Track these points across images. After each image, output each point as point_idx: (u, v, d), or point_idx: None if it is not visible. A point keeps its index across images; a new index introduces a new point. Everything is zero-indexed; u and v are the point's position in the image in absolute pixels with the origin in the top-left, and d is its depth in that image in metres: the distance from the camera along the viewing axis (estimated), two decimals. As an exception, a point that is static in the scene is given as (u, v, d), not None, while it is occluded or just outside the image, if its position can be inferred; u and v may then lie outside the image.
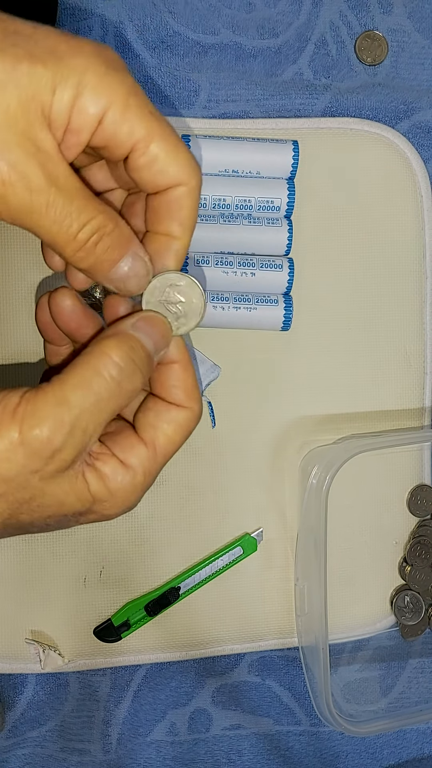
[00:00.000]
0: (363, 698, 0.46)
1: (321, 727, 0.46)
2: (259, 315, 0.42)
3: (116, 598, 0.44)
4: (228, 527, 0.44)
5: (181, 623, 0.44)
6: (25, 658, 0.43)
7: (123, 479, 0.31)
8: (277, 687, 0.46)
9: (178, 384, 0.33)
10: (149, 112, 0.29)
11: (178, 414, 0.33)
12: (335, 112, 0.44)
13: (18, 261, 0.42)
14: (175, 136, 0.29)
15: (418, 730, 0.47)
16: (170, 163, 0.29)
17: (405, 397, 0.46)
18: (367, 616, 0.46)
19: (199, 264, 0.41)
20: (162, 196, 0.30)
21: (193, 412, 0.33)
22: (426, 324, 0.46)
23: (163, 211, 0.31)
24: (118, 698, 0.45)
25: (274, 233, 0.42)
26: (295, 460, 0.45)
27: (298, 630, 0.45)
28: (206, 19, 0.43)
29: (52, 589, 0.43)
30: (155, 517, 0.44)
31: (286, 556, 0.45)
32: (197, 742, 0.45)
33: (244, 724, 0.45)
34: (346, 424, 0.45)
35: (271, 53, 0.44)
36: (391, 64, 0.45)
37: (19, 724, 0.44)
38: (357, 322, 0.45)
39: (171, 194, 0.30)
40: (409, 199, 0.45)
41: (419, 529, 0.46)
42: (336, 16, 0.45)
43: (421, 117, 0.45)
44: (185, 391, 0.33)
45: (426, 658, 0.47)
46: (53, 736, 0.44)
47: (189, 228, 0.31)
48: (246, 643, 0.45)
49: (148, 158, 0.29)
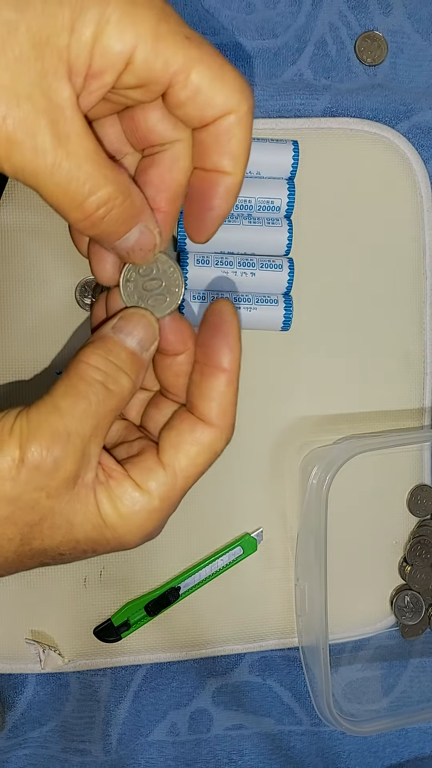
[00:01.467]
0: (364, 698, 0.46)
1: (322, 727, 0.46)
2: (259, 315, 0.42)
3: (116, 598, 0.44)
4: (228, 527, 0.44)
5: (182, 623, 0.44)
6: (25, 658, 0.43)
7: (136, 504, 0.29)
8: (278, 687, 0.46)
9: (217, 397, 0.30)
10: (185, 38, 0.25)
11: (204, 434, 0.30)
12: (335, 112, 0.44)
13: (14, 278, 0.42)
14: (219, 58, 0.26)
15: (419, 729, 0.47)
16: (216, 92, 0.26)
17: (405, 397, 0.45)
18: (367, 615, 0.46)
19: (198, 264, 0.41)
20: (209, 128, 0.27)
21: (222, 432, 0.30)
22: (426, 324, 0.46)
23: (211, 145, 0.27)
24: (118, 698, 0.44)
25: (274, 233, 0.42)
26: (295, 460, 0.45)
27: (299, 630, 0.45)
28: (206, 20, 0.43)
29: (53, 589, 0.43)
30: (155, 517, 0.44)
31: (286, 556, 0.45)
32: (198, 742, 0.45)
33: (246, 724, 0.45)
34: (346, 424, 0.45)
35: (271, 54, 0.44)
36: (390, 64, 0.45)
37: (19, 725, 0.44)
38: (357, 322, 0.45)
39: (219, 125, 0.27)
40: (409, 199, 0.45)
41: (419, 528, 0.46)
42: (335, 17, 0.45)
43: (421, 117, 0.45)
44: (221, 406, 0.30)
45: (427, 658, 0.47)
46: (54, 736, 0.43)
47: (242, 161, 0.28)
48: (246, 643, 0.45)
49: (190, 91, 0.26)
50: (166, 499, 0.30)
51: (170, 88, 0.26)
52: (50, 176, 0.25)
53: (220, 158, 0.28)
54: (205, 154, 0.28)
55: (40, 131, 0.24)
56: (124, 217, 0.27)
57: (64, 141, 0.25)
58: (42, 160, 0.24)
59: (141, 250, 0.29)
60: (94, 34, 0.24)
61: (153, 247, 0.29)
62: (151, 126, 0.29)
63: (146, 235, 0.29)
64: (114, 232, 0.28)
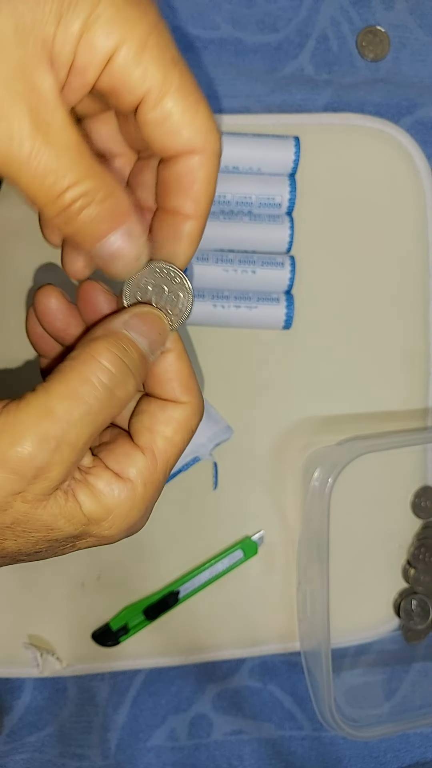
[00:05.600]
0: (366, 702, 0.46)
1: (323, 732, 0.46)
2: (260, 313, 0.42)
3: (114, 602, 0.43)
4: (228, 530, 0.44)
5: (181, 627, 0.44)
6: (22, 663, 0.43)
7: (120, 493, 0.28)
8: (278, 692, 0.45)
9: (174, 377, 0.29)
10: (170, 58, 0.24)
11: (175, 412, 0.29)
12: (337, 107, 0.44)
13: (6, 265, 0.42)
14: (196, 92, 0.25)
15: (421, 734, 0.46)
16: (185, 124, 0.25)
17: (408, 398, 0.45)
18: (370, 619, 0.46)
19: (198, 261, 0.41)
20: (173, 164, 0.26)
21: (192, 407, 0.29)
22: (430, 323, 0.45)
23: (173, 184, 0.27)
24: (117, 703, 0.44)
25: (276, 230, 0.42)
26: (297, 461, 0.44)
27: (300, 634, 0.45)
28: (206, 14, 0.43)
29: (50, 594, 0.43)
30: (154, 520, 0.43)
31: (287, 560, 0.45)
32: (198, 747, 0.44)
33: (246, 730, 0.45)
34: (349, 424, 0.45)
35: (272, 48, 0.44)
36: (393, 59, 0.45)
37: (17, 729, 0.44)
38: (359, 320, 0.45)
39: (183, 163, 0.26)
40: (411, 195, 0.45)
41: (423, 531, 0.46)
42: (337, 12, 0.44)
43: (423, 113, 0.45)
44: (182, 384, 0.29)
45: (430, 662, 0.47)
46: (52, 741, 0.43)
47: (203, 206, 0.27)
48: (247, 647, 0.45)
49: (159, 113, 0.25)
50: (149, 484, 0.28)
51: (141, 104, 0.25)
52: (26, 165, 0.24)
53: (182, 201, 0.27)
54: (167, 195, 0.27)
55: (16, 117, 0.23)
56: (104, 215, 0.25)
57: (43, 130, 0.23)
58: (18, 146, 0.23)
59: (122, 258, 0.27)
60: (81, 29, 0.23)
61: (138, 257, 0.27)
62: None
63: (129, 240, 0.26)
64: (92, 233, 0.26)
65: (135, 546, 0.43)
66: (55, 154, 0.24)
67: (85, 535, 0.28)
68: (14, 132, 0.23)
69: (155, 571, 0.44)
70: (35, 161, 0.24)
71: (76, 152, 0.24)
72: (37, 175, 0.24)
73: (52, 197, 0.24)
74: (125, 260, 0.27)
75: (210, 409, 0.43)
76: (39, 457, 0.25)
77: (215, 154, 0.26)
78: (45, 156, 0.24)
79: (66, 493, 0.27)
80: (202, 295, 0.41)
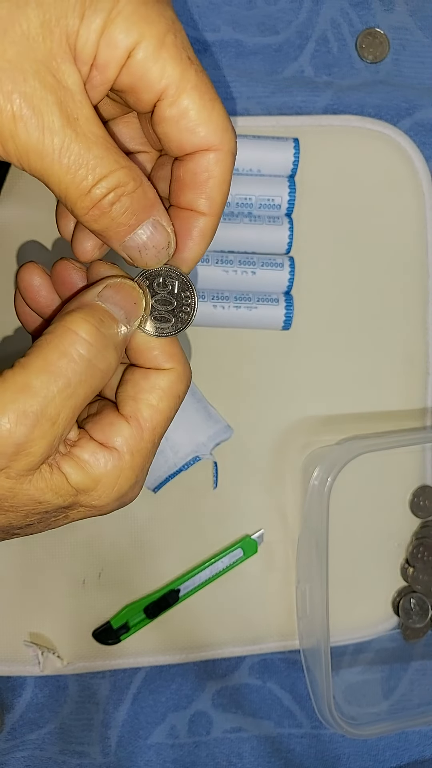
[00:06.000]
0: (364, 700, 0.46)
1: (322, 730, 0.46)
2: (260, 314, 0.42)
3: (115, 601, 0.44)
4: (228, 529, 0.44)
5: (181, 626, 0.44)
6: (23, 661, 0.43)
7: (107, 463, 0.27)
8: (278, 689, 0.46)
9: (155, 345, 0.29)
10: (187, 57, 0.25)
11: (159, 378, 0.29)
12: (337, 109, 0.44)
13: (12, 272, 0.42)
14: (211, 90, 0.26)
15: (420, 732, 0.46)
16: (201, 122, 0.25)
17: (407, 398, 0.45)
18: (369, 618, 0.46)
19: (199, 262, 0.41)
20: (188, 161, 0.27)
21: (177, 373, 0.29)
22: (429, 323, 0.45)
23: (188, 181, 0.27)
24: (117, 701, 0.44)
25: (275, 231, 0.42)
26: (296, 460, 0.44)
27: (300, 632, 0.45)
28: (206, 16, 0.43)
29: (51, 592, 0.43)
30: (155, 519, 0.44)
31: (287, 558, 0.45)
32: (198, 744, 0.44)
33: (245, 727, 0.45)
34: (348, 424, 0.45)
35: (272, 50, 0.44)
36: (392, 61, 0.45)
37: (18, 726, 0.44)
38: (359, 321, 0.45)
39: (199, 160, 0.26)
40: (411, 197, 0.45)
41: (422, 530, 0.46)
42: (337, 14, 0.44)
43: (423, 115, 0.45)
44: (164, 351, 0.29)
45: (428, 660, 0.47)
46: (52, 738, 0.43)
47: (218, 203, 0.27)
48: (247, 645, 0.45)
49: (176, 110, 0.25)
50: (136, 453, 0.28)
51: (159, 101, 0.25)
52: (58, 159, 0.24)
53: (196, 197, 0.27)
54: (181, 191, 0.27)
55: (47, 109, 0.23)
56: (135, 207, 0.26)
57: (72, 122, 0.24)
58: (49, 140, 0.23)
59: (154, 248, 0.27)
60: (103, 24, 0.24)
61: (167, 245, 0.27)
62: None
63: (159, 230, 0.27)
64: (124, 225, 0.26)
65: (136, 544, 0.44)
66: (86, 147, 0.24)
67: (76, 506, 0.28)
68: (46, 124, 0.23)
69: (156, 569, 0.44)
70: (66, 154, 0.24)
71: (104, 145, 0.24)
72: (69, 169, 0.24)
73: (84, 191, 0.24)
74: (156, 249, 0.27)
75: (210, 409, 0.43)
76: (18, 433, 0.25)
77: (230, 153, 0.26)
78: (75, 149, 0.24)
79: (51, 466, 0.27)
80: (202, 296, 0.41)
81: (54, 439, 0.26)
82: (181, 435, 0.42)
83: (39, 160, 0.24)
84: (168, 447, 0.41)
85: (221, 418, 0.43)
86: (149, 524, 0.44)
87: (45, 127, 0.23)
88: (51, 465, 0.27)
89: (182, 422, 0.41)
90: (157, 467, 0.42)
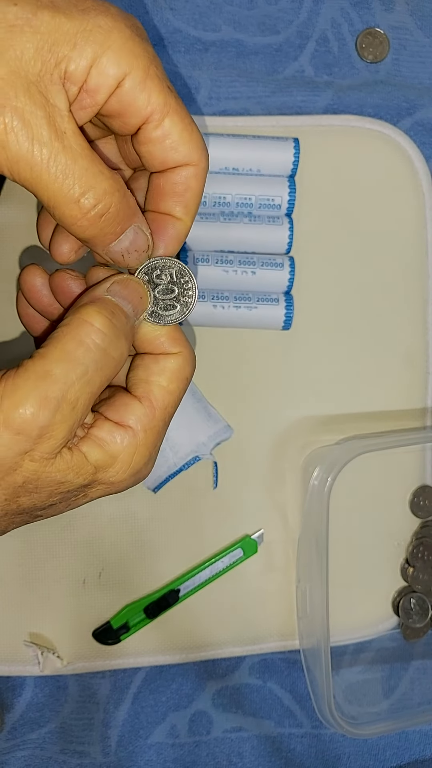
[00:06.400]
0: (365, 700, 0.46)
1: (322, 729, 0.46)
2: (260, 314, 0.42)
3: (115, 601, 0.44)
4: (228, 529, 0.44)
5: (181, 626, 0.44)
6: (23, 661, 0.43)
7: (123, 440, 0.29)
8: (278, 689, 0.46)
9: (161, 333, 0.31)
10: (167, 86, 0.28)
11: (168, 362, 0.31)
12: (337, 109, 0.44)
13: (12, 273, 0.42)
14: (188, 115, 0.29)
15: (420, 732, 0.46)
16: (183, 142, 0.29)
17: (408, 397, 0.45)
18: (369, 617, 0.46)
19: (198, 262, 0.41)
20: (168, 174, 0.30)
21: (184, 356, 0.32)
22: (429, 323, 0.45)
23: (167, 191, 0.30)
24: (117, 700, 0.44)
25: (275, 231, 0.42)
26: (296, 460, 0.44)
27: (300, 632, 0.45)
28: (207, 16, 0.43)
29: (51, 591, 0.43)
30: (155, 519, 0.44)
31: (287, 558, 0.45)
32: (198, 744, 0.44)
33: (245, 727, 0.45)
34: (348, 424, 0.45)
35: (272, 50, 0.44)
36: (392, 61, 0.45)
37: (18, 726, 0.44)
38: (359, 321, 0.45)
39: (178, 174, 0.30)
40: (411, 197, 0.45)
41: (422, 530, 0.46)
42: (337, 13, 0.44)
43: (423, 115, 0.45)
44: (170, 337, 0.32)
45: (429, 660, 0.47)
46: (53, 738, 0.43)
47: (192, 211, 0.31)
48: (247, 645, 0.45)
49: (161, 132, 0.28)
50: (149, 430, 0.30)
51: (145, 125, 0.28)
52: (46, 168, 0.26)
53: (174, 204, 0.30)
54: (160, 198, 0.30)
55: (37, 123, 0.25)
56: (121, 215, 0.28)
57: (60, 135, 0.26)
58: (38, 150, 0.26)
59: (136, 251, 0.30)
60: (94, 55, 0.26)
61: (147, 248, 0.30)
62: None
63: (140, 235, 0.30)
64: (110, 233, 0.28)
65: (136, 544, 0.44)
66: (72, 159, 0.26)
67: (95, 484, 0.30)
68: (35, 136, 0.26)
69: (156, 569, 0.44)
70: (54, 165, 0.26)
71: (89, 158, 0.27)
72: (57, 178, 0.26)
73: (72, 200, 0.27)
74: (138, 252, 0.30)
75: (210, 409, 0.43)
76: (41, 417, 0.27)
77: (205, 169, 0.30)
78: (63, 160, 0.26)
79: (71, 449, 0.29)
80: (202, 296, 0.41)
81: (74, 423, 0.28)
82: (181, 435, 0.42)
83: (28, 169, 0.26)
84: (168, 447, 0.41)
85: (221, 417, 0.43)
86: (149, 524, 0.44)
87: (34, 138, 0.26)
88: (71, 448, 0.29)
89: (182, 422, 0.41)
90: (157, 467, 0.42)
